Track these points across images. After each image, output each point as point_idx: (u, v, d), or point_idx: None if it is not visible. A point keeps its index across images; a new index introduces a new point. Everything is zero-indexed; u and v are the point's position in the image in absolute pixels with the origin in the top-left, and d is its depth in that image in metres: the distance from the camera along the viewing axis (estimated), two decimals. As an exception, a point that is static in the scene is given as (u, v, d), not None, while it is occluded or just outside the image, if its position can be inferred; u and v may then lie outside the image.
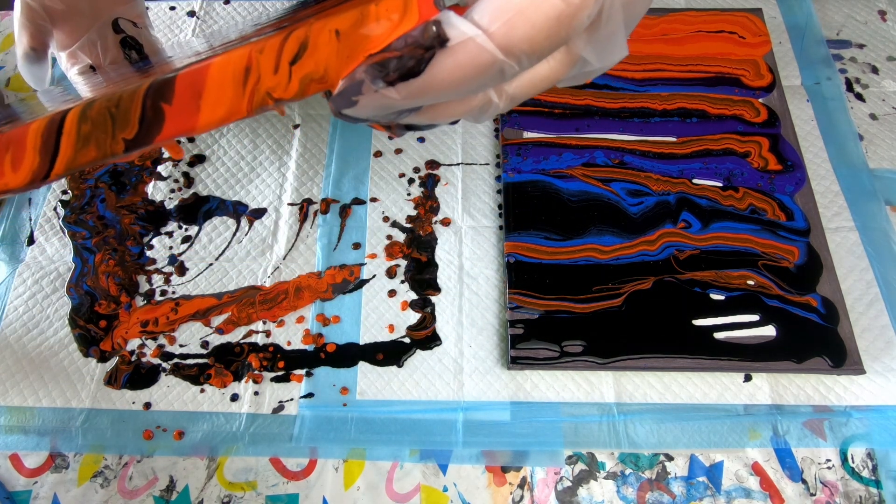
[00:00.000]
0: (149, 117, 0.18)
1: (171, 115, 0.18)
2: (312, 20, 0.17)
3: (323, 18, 0.17)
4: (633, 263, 0.44)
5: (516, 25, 0.14)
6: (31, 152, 0.18)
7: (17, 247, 0.48)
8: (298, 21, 0.19)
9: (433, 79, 0.16)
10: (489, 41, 0.15)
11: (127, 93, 0.17)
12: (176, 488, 0.40)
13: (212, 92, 0.17)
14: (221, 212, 0.50)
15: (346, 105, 0.18)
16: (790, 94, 0.53)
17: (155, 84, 0.17)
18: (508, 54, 0.15)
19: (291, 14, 0.27)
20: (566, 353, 0.41)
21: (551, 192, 0.47)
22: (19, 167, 0.18)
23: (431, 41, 0.16)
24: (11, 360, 0.44)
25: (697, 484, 0.39)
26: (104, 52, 0.40)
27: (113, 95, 0.17)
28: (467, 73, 0.16)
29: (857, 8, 0.59)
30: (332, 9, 0.19)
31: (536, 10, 0.14)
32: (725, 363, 0.41)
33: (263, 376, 0.43)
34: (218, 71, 0.17)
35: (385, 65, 0.16)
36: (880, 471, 0.39)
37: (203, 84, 0.17)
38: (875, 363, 0.42)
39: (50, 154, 0.18)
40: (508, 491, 0.39)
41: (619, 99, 0.52)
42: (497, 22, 0.14)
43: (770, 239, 0.45)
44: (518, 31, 0.14)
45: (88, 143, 0.18)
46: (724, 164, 0.48)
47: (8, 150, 0.18)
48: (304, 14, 0.23)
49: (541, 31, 0.14)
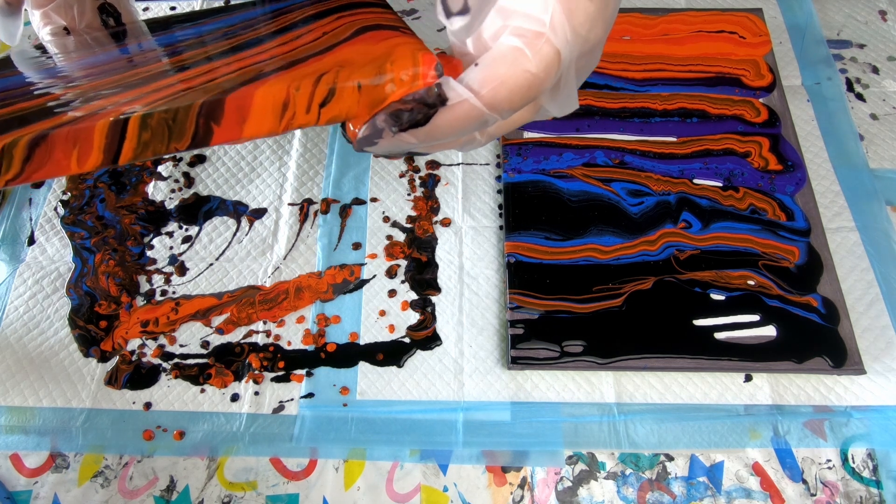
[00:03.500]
0: (200, 133, 0.21)
1: (218, 132, 0.21)
2: (332, 64, 0.21)
3: (347, 68, 0.21)
4: (633, 263, 0.44)
5: (499, 90, 0.19)
6: (97, 151, 0.21)
7: (17, 247, 0.48)
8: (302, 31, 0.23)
9: (435, 127, 0.21)
10: (479, 102, 0.20)
11: (183, 108, 0.21)
12: (176, 488, 0.40)
13: (255, 118, 0.21)
14: (222, 212, 0.50)
15: (368, 145, 0.23)
16: (790, 94, 0.53)
17: (207, 104, 0.21)
18: (493, 110, 0.20)
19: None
20: (566, 354, 0.41)
21: (551, 192, 0.47)
22: (85, 162, 0.21)
23: (435, 100, 0.21)
24: (12, 359, 0.44)
25: (698, 484, 0.39)
26: (80, 16, 0.38)
27: (170, 108, 0.21)
28: (461, 123, 0.21)
29: (858, 8, 0.59)
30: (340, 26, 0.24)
31: (514, 79, 0.19)
32: (726, 363, 0.41)
33: (264, 376, 0.43)
34: (261, 101, 0.21)
35: (399, 116, 0.21)
36: (881, 471, 0.39)
37: (248, 111, 0.21)
38: (875, 363, 0.42)
39: (112, 154, 0.21)
40: (509, 491, 0.39)
41: (619, 99, 0.52)
42: (485, 87, 0.20)
43: (770, 239, 0.45)
44: (500, 94, 0.20)
45: (146, 148, 0.21)
46: (725, 164, 0.48)
47: (76, 145, 0.21)
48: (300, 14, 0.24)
49: (517, 94, 0.20)
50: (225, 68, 0.23)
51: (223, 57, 0.25)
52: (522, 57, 0.19)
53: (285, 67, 0.22)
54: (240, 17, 0.32)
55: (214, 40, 0.28)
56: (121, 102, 0.21)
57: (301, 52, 0.24)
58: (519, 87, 0.19)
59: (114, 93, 0.23)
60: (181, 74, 0.24)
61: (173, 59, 0.26)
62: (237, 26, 0.30)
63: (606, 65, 0.53)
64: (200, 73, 0.23)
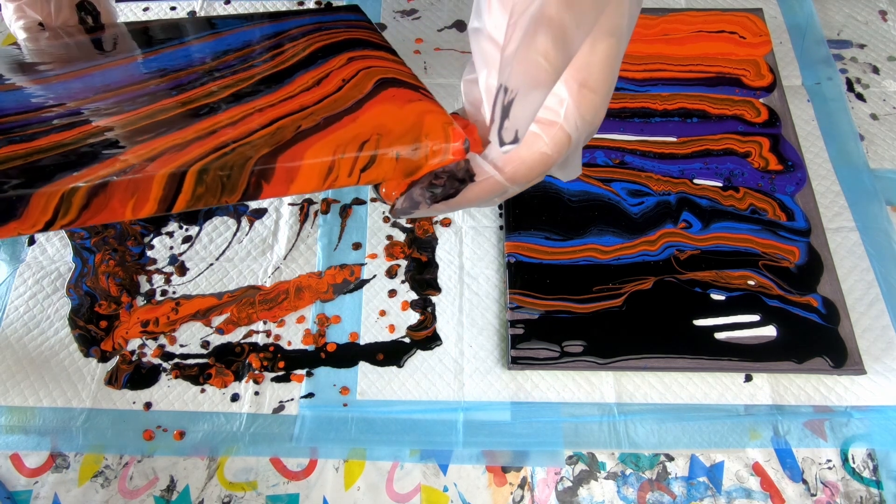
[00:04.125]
0: (251, 190, 0.22)
1: (267, 189, 0.22)
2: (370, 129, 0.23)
3: (386, 137, 0.23)
4: (633, 263, 0.44)
5: (519, 168, 0.23)
6: (153, 201, 0.21)
7: (17, 247, 0.48)
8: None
9: (464, 198, 0.25)
10: (502, 177, 0.24)
11: (237, 166, 0.22)
12: (176, 488, 0.40)
13: (302, 179, 0.23)
14: (222, 212, 0.50)
15: (405, 214, 0.26)
16: (791, 94, 0.53)
17: (260, 164, 0.22)
18: (513, 183, 0.24)
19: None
20: (566, 353, 0.41)
21: (551, 192, 0.47)
22: (140, 211, 0.22)
23: (464, 175, 0.24)
24: (12, 359, 0.44)
25: (698, 484, 0.39)
26: (56, 12, 0.37)
27: (225, 165, 0.21)
28: (486, 194, 0.24)
29: (858, 8, 0.59)
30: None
31: (532, 159, 0.22)
32: (726, 363, 0.41)
33: (264, 376, 0.43)
34: (309, 165, 0.22)
35: (433, 190, 0.24)
36: (881, 471, 0.39)
37: (297, 173, 0.22)
38: (876, 363, 0.42)
39: (167, 204, 0.22)
40: (509, 491, 0.39)
41: (619, 99, 0.52)
42: (508, 166, 0.23)
43: (770, 239, 0.45)
44: (520, 171, 0.23)
45: (199, 200, 0.22)
46: (725, 164, 0.48)
47: (133, 195, 0.21)
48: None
49: (534, 171, 0.23)
50: (259, 116, 0.24)
51: (252, 98, 0.26)
52: (539, 141, 0.23)
53: (323, 126, 0.24)
54: (240, 40, 0.33)
55: (230, 70, 0.29)
56: (171, 149, 0.22)
57: (331, 107, 0.25)
58: (536, 165, 0.23)
59: (157, 133, 0.23)
60: (216, 118, 0.24)
61: (193, 92, 0.27)
62: (244, 53, 0.31)
63: (606, 65, 0.53)
64: (237, 116, 0.24)
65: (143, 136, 0.23)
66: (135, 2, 0.61)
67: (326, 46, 0.31)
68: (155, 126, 0.24)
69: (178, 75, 0.29)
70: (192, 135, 0.23)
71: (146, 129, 0.24)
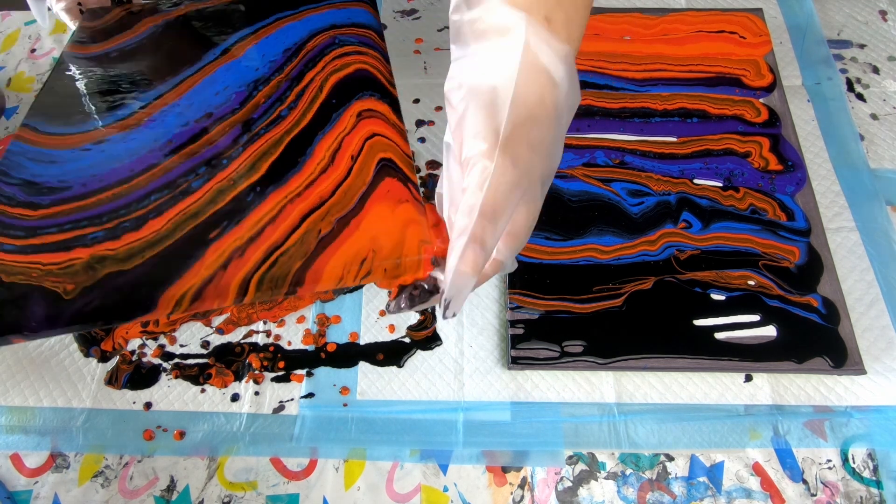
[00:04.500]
0: (289, 293, 0.30)
1: (299, 291, 0.31)
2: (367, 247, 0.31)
3: (379, 253, 0.31)
4: (633, 263, 0.44)
5: (461, 283, 0.26)
6: (230, 300, 0.30)
7: (17, 247, 0.48)
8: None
9: (434, 300, 0.31)
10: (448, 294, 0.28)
11: (282, 277, 0.30)
12: (176, 488, 0.40)
13: (322, 284, 0.31)
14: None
15: (393, 313, 0.32)
16: (791, 94, 0.53)
17: (296, 276, 0.30)
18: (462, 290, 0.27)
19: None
20: (566, 354, 0.41)
21: (552, 192, 0.47)
22: (223, 304, 0.30)
23: (432, 288, 0.30)
24: (12, 359, 0.44)
25: (698, 484, 0.39)
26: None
27: (273, 277, 0.30)
28: (447, 297, 0.27)
29: (858, 8, 0.59)
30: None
31: (467, 283, 0.26)
32: (726, 363, 0.41)
33: (264, 376, 0.43)
34: (327, 276, 0.31)
35: (411, 300, 0.31)
36: (881, 471, 0.39)
37: (319, 281, 0.31)
38: (876, 363, 0.42)
39: (239, 301, 0.30)
40: (509, 491, 0.39)
41: (619, 99, 0.52)
42: (452, 289, 0.26)
43: (771, 239, 0.45)
44: (463, 292, 0.26)
45: (255, 299, 0.31)
46: (725, 164, 0.48)
47: (218, 296, 0.30)
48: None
49: (469, 288, 0.27)
50: (291, 209, 0.33)
51: (282, 183, 0.34)
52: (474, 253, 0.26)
53: (337, 233, 0.32)
54: (266, 61, 0.42)
55: (262, 121, 0.38)
56: (235, 252, 0.31)
57: (342, 202, 0.33)
58: (472, 284, 0.26)
59: (223, 230, 0.32)
60: (261, 210, 0.33)
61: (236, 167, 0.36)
62: (271, 88, 0.40)
63: (606, 65, 0.53)
64: (275, 210, 0.33)
65: (214, 231, 0.32)
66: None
67: (341, 86, 0.39)
68: (219, 219, 0.33)
69: (215, 137, 0.37)
70: (246, 234, 0.32)
71: (215, 222, 0.33)
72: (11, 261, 0.32)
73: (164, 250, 0.32)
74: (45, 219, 0.34)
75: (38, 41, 0.60)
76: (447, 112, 0.28)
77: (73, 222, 0.34)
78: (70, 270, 0.32)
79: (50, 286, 0.31)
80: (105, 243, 0.33)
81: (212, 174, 0.35)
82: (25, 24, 0.61)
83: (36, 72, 0.58)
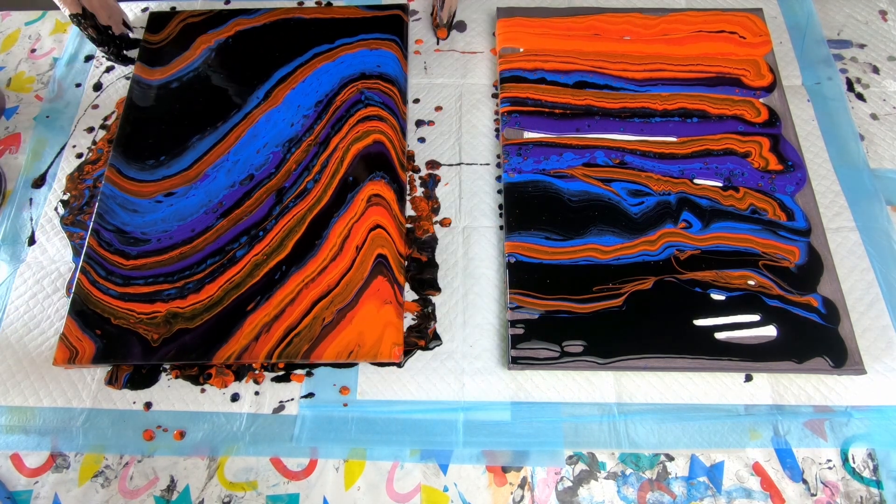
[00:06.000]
0: (298, 360, 0.42)
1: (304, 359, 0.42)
2: (355, 341, 0.42)
3: (363, 347, 0.42)
4: (633, 263, 0.44)
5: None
6: (258, 365, 0.43)
7: (18, 247, 0.48)
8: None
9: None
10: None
11: (293, 355, 0.42)
12: (177, 488, 0.40)
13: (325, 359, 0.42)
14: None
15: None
16: (791, 93, 0.53)
17: (304, 356, 0.42)
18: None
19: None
20: (566, 353, 0.41)
21: (552, 192, 0.47)
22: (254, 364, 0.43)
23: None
24: (12, 359, 0.44)
25: (698, 484, 0.39)
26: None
27: (288, 353, 0.42)
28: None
29: (858, 8, 0.59)
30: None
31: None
32: (726, 363, 0.41)
33: (264, 376, 0.43)
34: (324, 359, 0.42)
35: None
36: (881, 471, 0.39)
37: (321, 357, 0.42)
38: (876, 363, 0.42)
39: (266, 366, 0.43)
40: (509, 491, 0.39)
41: (619, 99, 0.52)
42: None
43: (771, 239, 0.45)
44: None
45: (279, 360, 0.42)
46: (725, 164, 0.48)
47: (249, 360, 0.42)
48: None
49: None
50: (307, 293, 0.43)
51: (302, 265, 0.44)
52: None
53: (336, 323, 0.42)
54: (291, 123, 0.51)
55: (293, 191, 0.47)
56: (264, 327, 0.42)
57: (343, 294, 0.43)
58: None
59: (256, 305, 0.43)
60: (285, 291, 0.44)
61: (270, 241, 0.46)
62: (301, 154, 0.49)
63: (606, 65, 0.53)
64: (294, 292, 0.44)
65: (251, 304, 0.43)
66: (134, 1, 0.61)
67: (359, 160, 0.48)
68: (254, 293, 0.44)
69: (254, 205, 0.47)
70: (273, 311, 0.43)
71: (251, 295, 0.43)
72: (116, 306, 0.43)
73: (216, 315, 0.43)
74: (135, 269, 0.45)
75: (38, 41, 0.60)
76: None
77: (154, 277, 0.44)
78: (154, 322, 0.43)
79: (143, 333, 0.42)
80: (176, 301, 0.43)
81: (251, 245, 0.45)
82: (25, 24, 0.61)
83: (36, 72, 0.58)
